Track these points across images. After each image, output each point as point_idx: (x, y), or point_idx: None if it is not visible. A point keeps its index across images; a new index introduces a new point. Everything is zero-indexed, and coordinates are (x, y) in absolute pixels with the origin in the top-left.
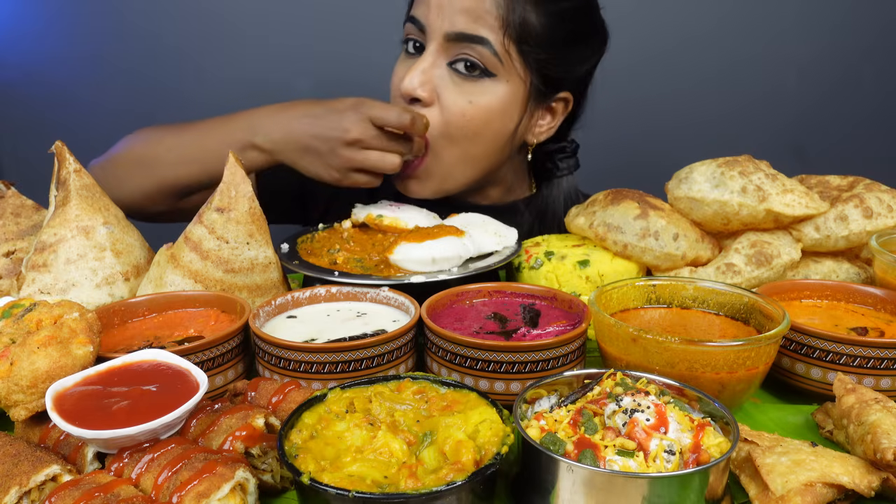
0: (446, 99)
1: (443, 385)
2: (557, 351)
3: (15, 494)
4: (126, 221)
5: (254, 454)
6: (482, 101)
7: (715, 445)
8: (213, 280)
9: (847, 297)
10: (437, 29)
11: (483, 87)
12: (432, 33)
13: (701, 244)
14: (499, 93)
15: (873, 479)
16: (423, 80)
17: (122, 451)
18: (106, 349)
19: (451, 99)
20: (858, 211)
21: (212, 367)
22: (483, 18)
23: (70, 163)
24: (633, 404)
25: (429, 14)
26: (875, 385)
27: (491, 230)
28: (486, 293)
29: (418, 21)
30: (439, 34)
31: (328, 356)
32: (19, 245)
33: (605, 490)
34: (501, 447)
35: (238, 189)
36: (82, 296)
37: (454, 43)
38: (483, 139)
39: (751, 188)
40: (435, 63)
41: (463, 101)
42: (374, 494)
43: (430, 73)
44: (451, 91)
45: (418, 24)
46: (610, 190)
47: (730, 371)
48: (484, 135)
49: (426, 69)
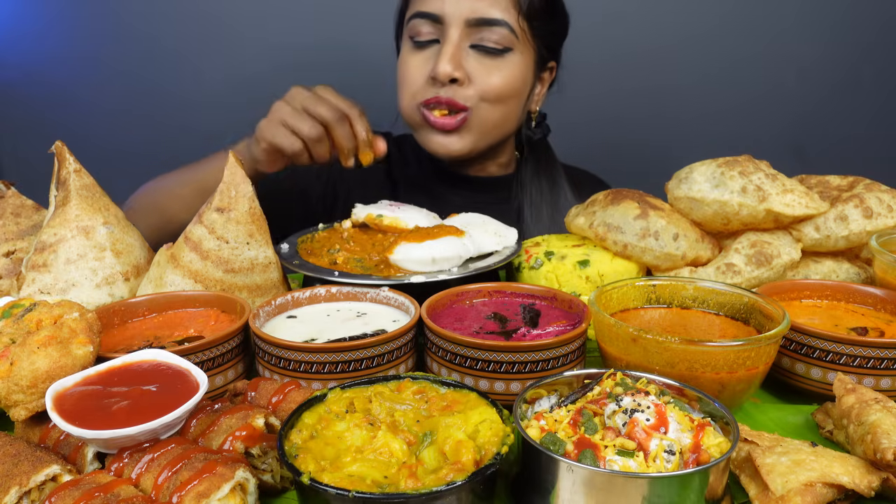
0: (478, 75)
1: (443, 385)
2: (557, 351)
3: (15, 494)
4: (126, 221)
5: (254, 454)
6: (508, 72)
7: (715, 445)
8: (213, 280)
9: (847, 297)
10: (456, 17)
11: (505, 61)
12: (451, 20)
13: (701, 244)
14: (519, 63)
15: (873, 479)
16: (455, 64)
17: (122, 451)
18: (106, 349)
19: (482, 75)
20: (858, 211)
21: (212, 367)
22: (497, 2)
23: (70, 163)
24: (633, 404)
25: (444, 5)
26: (875, 385)
27: (491, 230)
28: (486, 293)
29: (431, 14)
30: (459, 21)
31: (328, 356)
32: (19, 245)
33: (605, 490)
34: (501, 447)
35: (238, 189)
36: (82, 296)
37: (475, 27)
38: (511, 103)
39: (751, 188)
40: (459, 46)
41: (494, 74)
42: (374, 494)
43: (458, 57)
44: (480, 69)
45: (431, 16)
46: (610, 190)
47: (730, 371)
48: (512, 99)
49: (455, 53)
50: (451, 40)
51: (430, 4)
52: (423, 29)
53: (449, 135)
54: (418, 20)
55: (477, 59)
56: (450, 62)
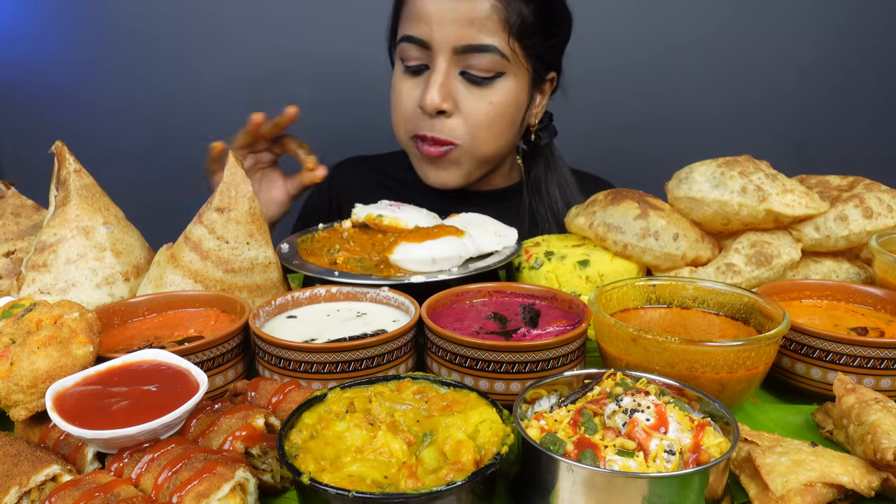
0: (467, 105)
1: (443, 385)
2: (557, 351)
3: (15, 494)
4: (126, 221)
5: (254, 454)
6: (498, 99)
7: (715, 445)
8: (213, 280)
9: (847, 297)
10: (443, 44)
11: (496, 87)
12: (439, 48)
13: (701, 244)
14: (511, 87)
15: (873, 479)
16: (443, 94)
17: (122, 451)
18: (106, 349)
19: (471, 105)
20: (858, 211)
21: (212, 367)
22: (486, 26)
23: (70, 163)
24: (633, 404)
25: (431, 32)
26: (875, 385)
27: (491, 230)
28: (486, 293)
29: (418, 39)
30: (447, 49)
31: (328, 356)
32: (19, 245)
33: (605, 490)
34: (501, 447)
35: (238, 189)
36: (82, 296)
37: (463, 55)
38: (504, 130)
39: (751, 188)
40: (448, 74)
41: (483, 104)
42: (374, 494)
43: (447, 86)
44: (469, 98)
45: (418, 41)
46: (610, 190)
47: (730, 371)
48: (504, 126)
49: (443, 83)
50: (439, 69)
51: (418, 29)
52: (412, 54)
53: (442, 168)
54: (407, 44)
55: (466, 88)
56: (438, 93)
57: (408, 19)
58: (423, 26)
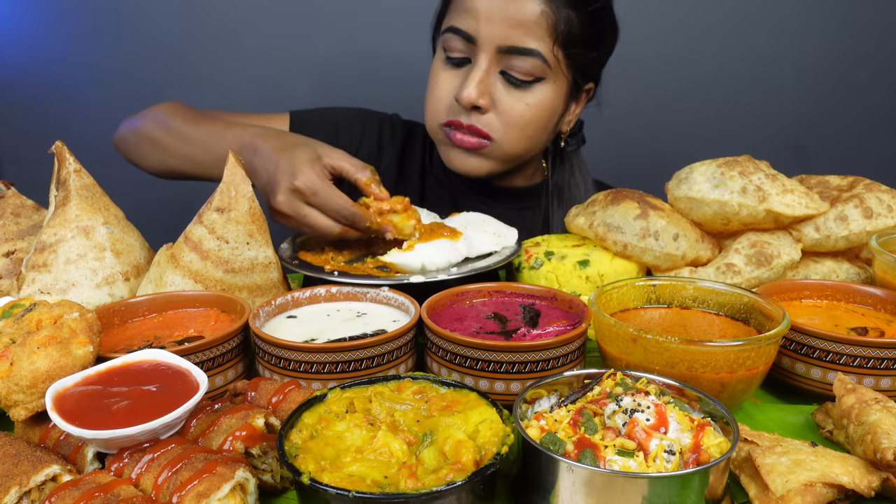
0: (504, 104)
1: (443, 385)
2: (557, 351)
3: (15, 494)
4: (126, 221)
5: (254, 454)
6: (535, 102)
7: (715, 445)
8: (213, 280)
9: (847, 297)
10: (488, 42)
11: (535, 91)
12: (483, 45)
13: (701, 244)
14: (549, 93)
15: (873, 479)
16: (480, 90)
17: (122, 451)
18: (106, 349)
19: (508, 104)
20: (858, 211)
21: (212, 367)
22: (533, 31)
23: (70, 163)
24: (633, 404)
25: (478, 27)
26: (875, 385)
27: (490, 230)
28: (486, 293)
29: (464, 32)
30: (491, 46)
31: (328, 356)
32: (19, 245)
33: (605, 490)
34: (501, 447)
35: (238, 189)
36: (82, 296)
37: (506, 55)
38: (536, 133)
39: (751, 188)
40: (489, 72)
41: (520, 105)
42: (374, 494)
43: (485, 83)
44: (507, 97)
45: (464, 34)
46: (610, 190)
47: (730, 371)
48: (537, 129)
49: (482, 79)
50: (480, 66)
51: (465, 22)
52: (456, 45)
53: (470, 155)
54: (452, 35)
55: (504, 87)
56: (476, 88)
57: (456, 10)
58: (471, 20)
